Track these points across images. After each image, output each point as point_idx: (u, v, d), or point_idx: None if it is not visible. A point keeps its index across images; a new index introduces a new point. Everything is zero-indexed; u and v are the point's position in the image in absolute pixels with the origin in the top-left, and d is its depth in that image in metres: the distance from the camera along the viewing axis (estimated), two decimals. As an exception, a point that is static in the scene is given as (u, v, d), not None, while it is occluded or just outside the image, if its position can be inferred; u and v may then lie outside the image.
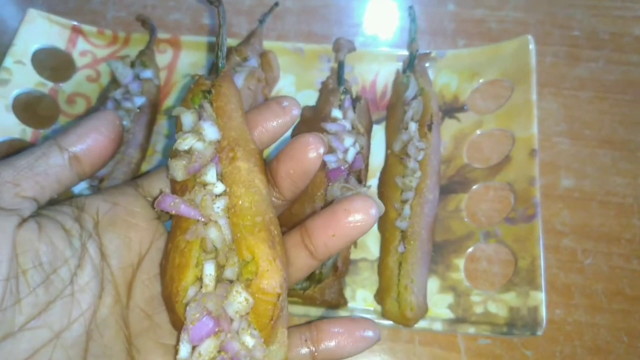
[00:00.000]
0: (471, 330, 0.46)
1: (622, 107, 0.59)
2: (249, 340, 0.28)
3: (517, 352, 0.48)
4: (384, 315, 0.46)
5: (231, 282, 0.29)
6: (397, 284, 0.46)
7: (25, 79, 0.57)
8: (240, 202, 0.30)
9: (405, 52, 0.58)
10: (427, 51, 0.58)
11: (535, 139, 0.50)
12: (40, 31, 0.59)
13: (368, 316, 0.47)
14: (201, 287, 0.29)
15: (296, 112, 0.34)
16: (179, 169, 0.31)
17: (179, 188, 0.32)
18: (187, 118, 0.32)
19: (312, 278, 0.46)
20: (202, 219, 0.29)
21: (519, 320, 0.45)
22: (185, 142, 0.31)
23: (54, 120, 0.58)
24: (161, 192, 0.32)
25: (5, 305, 0.27)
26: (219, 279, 0.29)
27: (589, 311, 0.50)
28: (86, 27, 0.61)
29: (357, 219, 0.30)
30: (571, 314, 0.49)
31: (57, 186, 0.31)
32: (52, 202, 0.32)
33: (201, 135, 0.31)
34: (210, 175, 0.30)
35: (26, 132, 0.56)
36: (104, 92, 0.56)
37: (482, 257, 0.51)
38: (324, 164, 0.48)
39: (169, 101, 0.59)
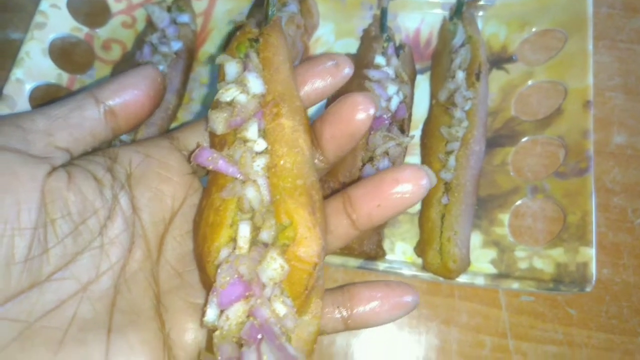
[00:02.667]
0: (515, 285, 0.44)
1: (682, 62, 0.55)
2: (281, 309, 0.26)
3: (560, 311, 0.47)
4: (425, 267, 0.45)
5: (266, 245, 0.27)
6: (439, 236, 0.44)
7: (61, 23, 0.56)
8: (281, 162, 0.28)
9: (450, 0, 0.55)
10: (475, -1, 0.55)
11: (590, 90, 0.47)
12: (75, -25, 0.58)
13: (407, 268, 0.46)
14: (234, 248, 0.27)
15: (348, 71, 0.31)
16: (219, 122, 0.29)
17: (217, 142, 0.30)
18: (232, 67, 0.30)
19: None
20: (241, 177, 0.28)
21: (567, 277, 0.43)
22: (228, 94, 0.29)
23: (89, 65, 0.58)
24: (198, 145, 0.31)
25: (32, 254, 0.26)
26: (253, 242, 0.27)
27: (637, 272, 0.48)
28: (121, -28, 0.60)
29: (405, 190, 0.28)
30: (619, 274, 0.48)
31: (91, 139, 0.30)
32: (85, 153, 0.31)
33: (245, 87, 0.29)
34: (252, 131, 0.28)
35: (62, 77, 0.56)
36: (140, 37, 0.55)
37: (527, 213, 0.49)
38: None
39: (205, 48, 0.58)
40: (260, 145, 0.28)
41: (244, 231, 0.27)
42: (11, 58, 0.54)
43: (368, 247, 0.46)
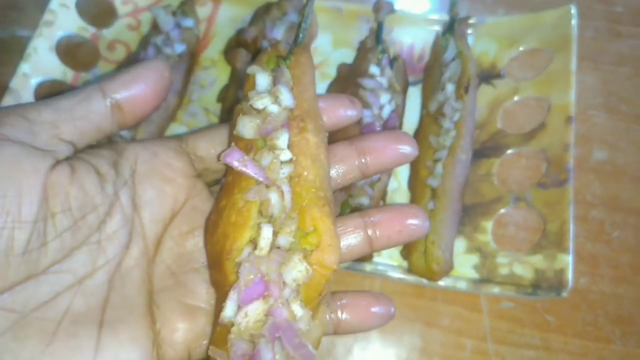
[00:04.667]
0: (495, 290, 0.46)
1: (661, 85, 0.58)
2: (298, 310, 0.27)
3: (539, 317, 0.48)
4: (410, 269, 0.47)
5: (279, 248, 0.28)
6: (424, 239, 0.46)
7: (69, 22, 0.58)
8: (305, 174, 0.29)
9: (444, 17, 0.58)
10: (468, 16, 0.57)
11: (572, 106, 0.50)
12: (84, -23, 0.60)
13: (393, 271, 0.48)
14: (254, 249, 0.28)
15: (352, 113, 0.34)
16: (250, 127, 0.30)
17: (243, 146, 0.31)
18: (263, 79, 0.32)
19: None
20: (267, 182, 0.29)
21: (544, 282, 0.45)
22: (262, 102, 0.30)
23: (94, 64, 0.59)
24: (230, 145, 0.31)
25: (31, 247, 0.26)
26: (272, 245, 0.28)
27: (613, 282, 0.50)
28: (129, -24, 0.62)
29: (418, 223, 0.33)
30: (596, 283, 0.50)
31: (96, 133, 0.30)
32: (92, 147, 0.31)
33: (277, 98, 0.30)
34: (283, 140, 0.29)
35: (67, 74, 0.57)
36: (145, 38, 0.57)
37: (510, 222, 0.51)
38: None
39: (206, 53, 0.60)
40: (287, 155, 0.29)
41: (267, 233, 0.28)
42: (18, 54, 0.56)
43: (356, 248, 0.48)
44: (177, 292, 0.31)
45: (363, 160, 0.33)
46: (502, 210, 0.50)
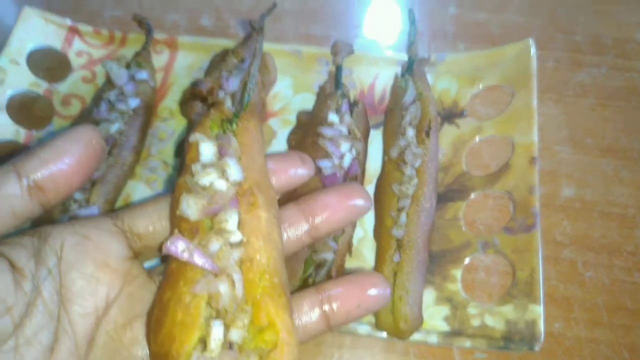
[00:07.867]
0: (467, 343, 0.44)
1: (625, 115, 0.57)
2: None
3: (514, 366, 0.47)
4: (378, 326, 0.45)
5: (231, 344, 0.25)
6: (391, 295, 0.44)
7: (20, 79, 0.57)
8: (257, 257, 0.27)
9: (404, 56, 0.57)
10: (427, 56, 0.56)
11: (535, 146, 0.49)
12: (35, 30, 0.58)
13: (361, 327, 0.46)
14: (204, 349, 0.25)
15: (302, 172, 0.33)
16: (196, 209, 0.27)
17: (187, 228, 0.28)
18: (209, 149, 0.29)
19: (306, 288, 0.45)
20: (216, 271, 0.26)
21: (516, 334, 0.44)
22: (208, 178, 0.28)
23: (48, 121, 0.57)
24: (172, 223, 0.28)
25: None
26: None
27: (589, 325, 0.48)
28: (82, 27, 0.61)
29: (380, 293, 0.32)
30: (570, 328, 0.48)
31: (13, 220, 0.27)
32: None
33: (225, 172, 0.28)
34: (232, 223, 0.27)
35: (20, 133, 0.55)
36: (98, 93, 0.55)
37: (480, 267, 0.50)
38: (319, 170, 0.47)
39: (165, 103, 0.59)
40: (237, 236, 0.27)
41: (218, 333, 0.25)
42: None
43: (322, 305, 0.46)
44: None
45: (312, 220, 0.32)
46: (468, 260, 0.49)
